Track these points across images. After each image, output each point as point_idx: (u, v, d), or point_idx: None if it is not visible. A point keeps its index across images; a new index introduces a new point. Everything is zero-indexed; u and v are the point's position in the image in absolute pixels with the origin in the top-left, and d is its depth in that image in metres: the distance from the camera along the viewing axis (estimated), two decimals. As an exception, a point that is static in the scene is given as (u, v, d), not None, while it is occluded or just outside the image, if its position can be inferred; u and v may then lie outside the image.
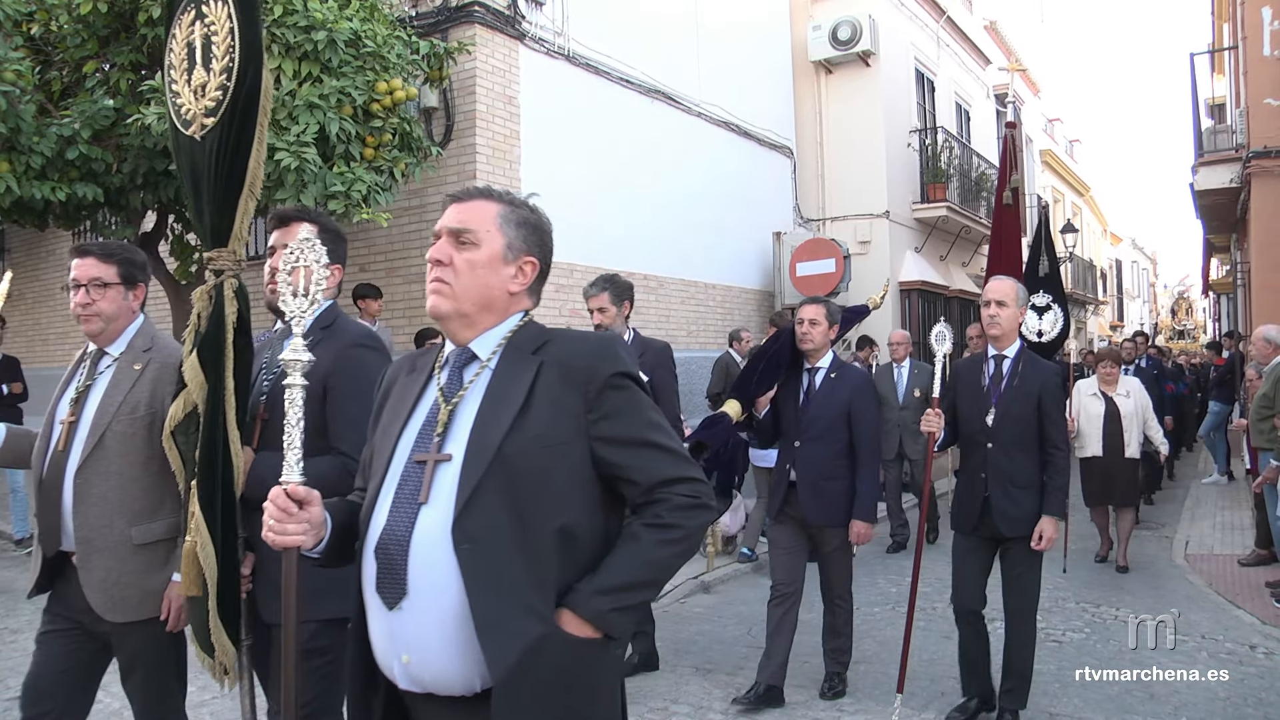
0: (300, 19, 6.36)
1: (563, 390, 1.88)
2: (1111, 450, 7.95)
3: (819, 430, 4.84)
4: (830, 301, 5.02)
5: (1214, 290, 23.85)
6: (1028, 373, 4.52)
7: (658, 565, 1.91)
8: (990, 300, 4.56)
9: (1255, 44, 10.99)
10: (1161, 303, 49.76)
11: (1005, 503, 4.42)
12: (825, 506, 4.81)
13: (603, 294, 5.06)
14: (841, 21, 13.39)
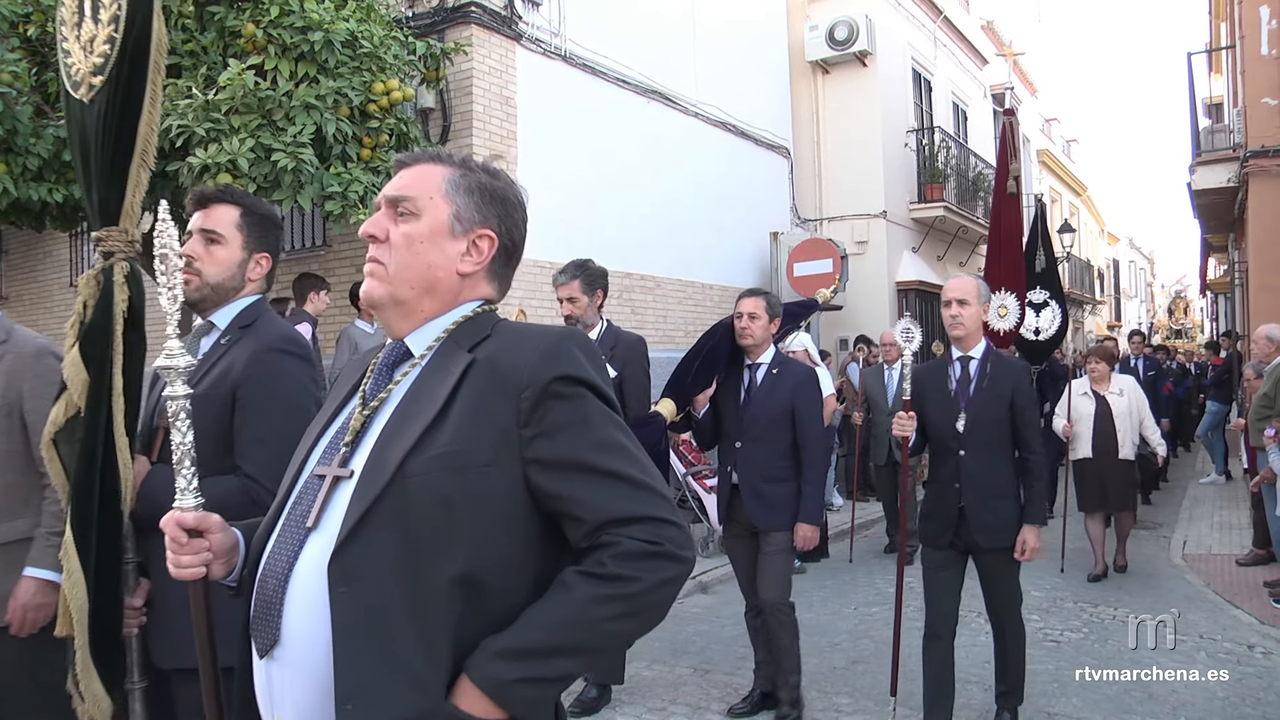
0: (297, 19, 6.35)
1: (492, 397, 1.49)
2: (1103, 451, 7.62)
3: (760, 430, 4.58)
4: (771, 294, 4.77)
5: (1211, 290, 23.87)
6: (997, 373, 4.29)
7: (589, 627, 1.43)
8: (951, 299, 4.31)
9: (1253, 43, 11.01)
10: (1159, 302, 49.81)
11: (983, 513, 4.19)
12: (769, 510, 4.55)
13: (573, 282, 4.78)
14: (838, 21, 13.40)
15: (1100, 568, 7.56)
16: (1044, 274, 8.61)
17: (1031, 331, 8.32)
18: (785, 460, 4.57)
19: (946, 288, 4.41)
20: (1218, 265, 22.03)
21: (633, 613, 1.46)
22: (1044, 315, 8.35)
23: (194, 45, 6.56)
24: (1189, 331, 39.06)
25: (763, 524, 4.56)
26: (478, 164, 1.69)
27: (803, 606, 6.69)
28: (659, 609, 1.51)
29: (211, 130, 6.08)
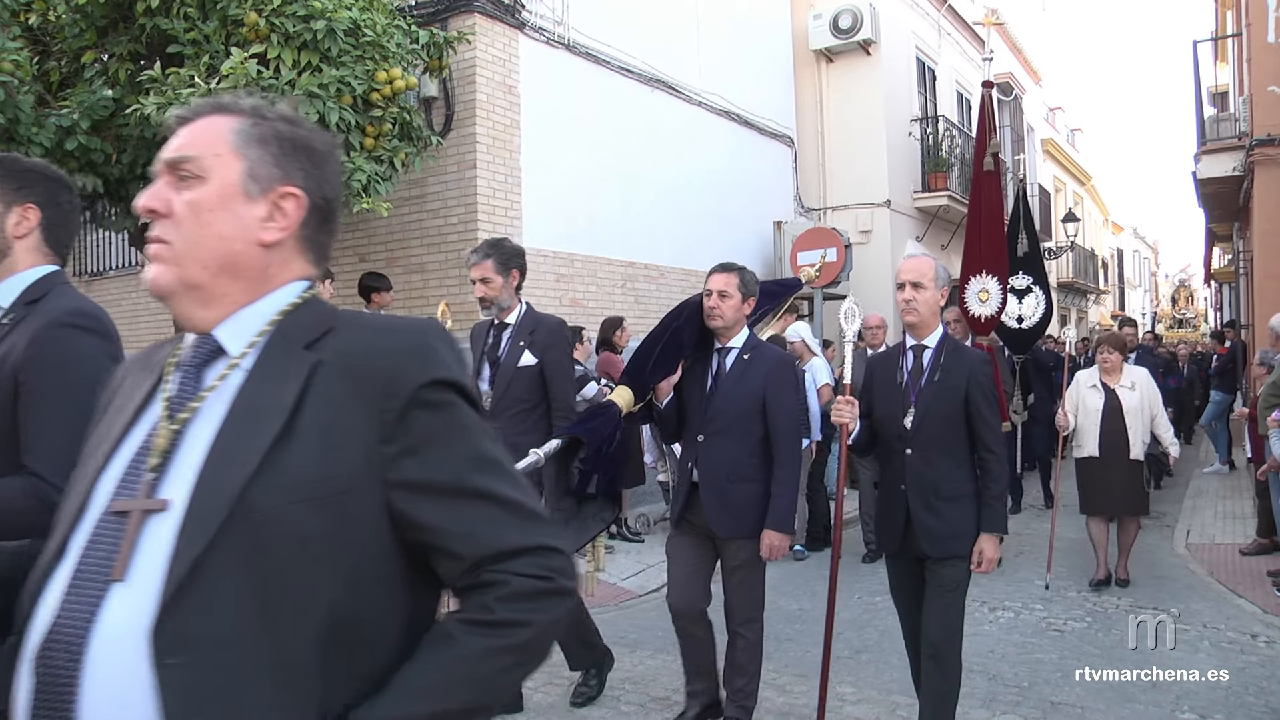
0: (299, 8, 6.33)
1: (348, 407, 1.21)
2: (1111, 449, 6.87)
3: (727, 422, 4.07)
4: (745, 270, 4.21)
5: (1216, 279, 23.83)
6: (952, 364, 3.84)
7: (481, 684, 1.22)
8: (905, 281, 3.88)
9: (1259, 31, 10.96)
10: (1163, 292, 49.69)
11: (928, 518, 3.76)
12: (733, 514, 4.05)
13: (485, 261, 4.37)
14: (842, 10, 13.35)
15: (1102, 572, 6.92)
16: (1027, 258, 8.13)
17: (1014, 319, 7.91)
18: (754, 458, 4.07)
19: (900, 269, 3.96)
20: (1222, 254, 21.99)
21: (524, 661, 1.27)
22: (1027, 302, 7.90)
23: (196, 34, 6.55)
24: (1192, 321, 38.96)
25: (723, 529, 4.06)
26: (274, 110, 1.37)
27: (805, 596, 6.72)
28: (547, 650, 1.30)
29: (214, 119, 6.06)
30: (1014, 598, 6.59)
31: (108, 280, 12.46)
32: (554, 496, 3.93)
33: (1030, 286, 7.87)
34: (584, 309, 9.27)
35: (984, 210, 7.75)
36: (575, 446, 3.86)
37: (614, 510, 4.12)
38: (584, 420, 4.08)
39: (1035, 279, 7.93)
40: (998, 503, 3.78)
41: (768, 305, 4.68)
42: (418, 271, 8.67)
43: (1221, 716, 4.58)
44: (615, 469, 4.05)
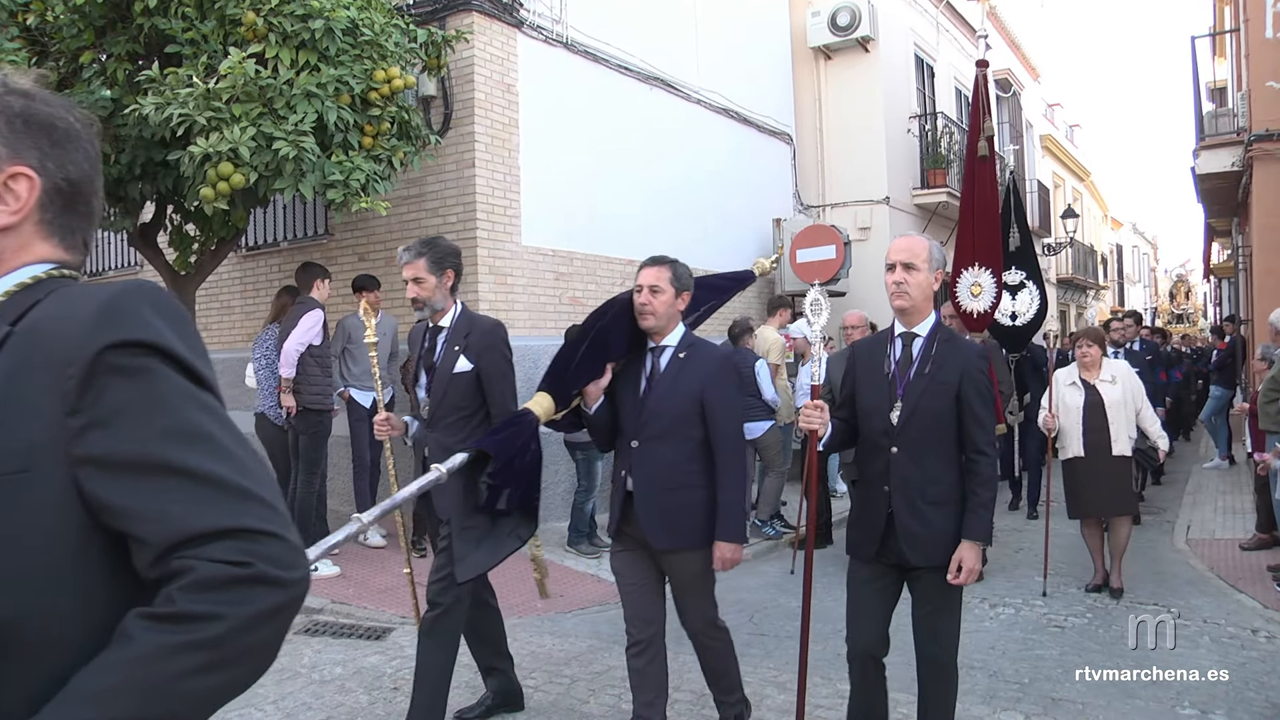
0: (297, 7, 6.33)
1: (29, 376, 1.10)
2: (1094, 447, 6.59)
3: (663, 426, 3.76)
4: (678, 263, 3.92)
5: (1215, 274, 23.82)
6: (945, 356, 3.51)
7: (162, 690, 1.04)
8: (895, 262, 3.55)
9: (1257, 27, 10.96)
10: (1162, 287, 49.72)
11: (913, 522, 3.47)
12: (671, 525, 3.74)
13: (418, 260, 4.16)
14: (840, 7, 13.34)
15: (1100, 577, 6.72)
16: (1019, 253, 7.66)
17: (1008, 316, 7.47)
18: (692, 463, 3.76)
19: (891, 248, 3.63)
20: (1221, 250, 21.99)
21: (222, 662, 1.07)
22: (1021, 298, 7.42)
23: (194, 34, 6.55)
24: (1190, 316, 38.99)
25: (661, 541, 3.76)
26: (6, 84, 1.26)
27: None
28: (262, 652, 1.12)
29: (212, 119, 6.07)
30: (1015, 594, 6.59)
31: (106, 280, 12.44)
32: (462, 514, 3.72)
33: (1024, 282, 7.43)
34: (583, 307, 9.25)
35: (977, 199, 7.30)
36: (483, 460, 3.56)
37: (531, 527, 3.83)
38: (494, 431, 3.80)
39: (1029, 274, 7.49)
40: (983, 509, 3.44)
41: (713, 300, 4.41)
42: (417, 270, 8.66)
43: (1222, 712, 4.59)
44: (530, 482, 3.78)
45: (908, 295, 3.53)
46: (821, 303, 3.65)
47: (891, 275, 3.56)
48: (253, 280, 10.23)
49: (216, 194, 6.15)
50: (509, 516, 3.70)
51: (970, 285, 7.00)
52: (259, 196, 6.62)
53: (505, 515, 3.67)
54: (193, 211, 7.74)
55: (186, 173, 6.25)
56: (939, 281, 3.58)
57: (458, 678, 4.31)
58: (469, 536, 3.71)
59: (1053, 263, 24.37)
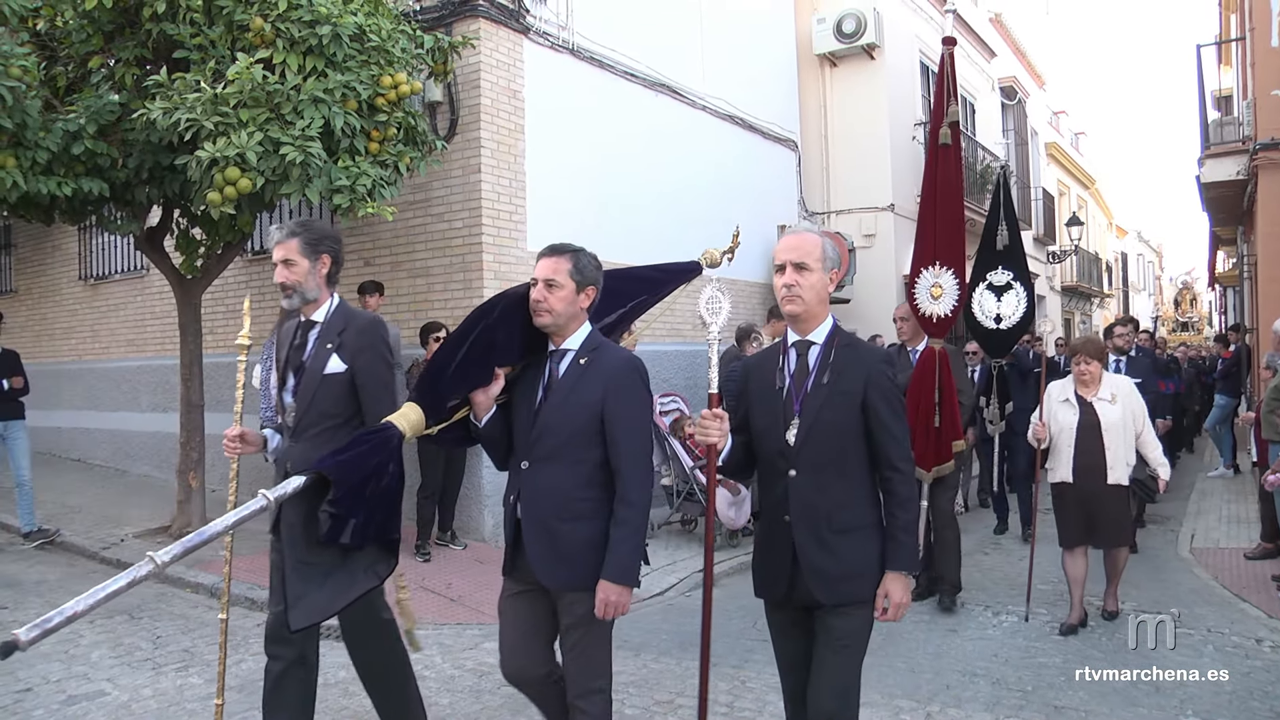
0: (305, 13, 6.37)
1: None
2: (1087, 472, 5.91)
3: (556, 444, 3.20)
4: (583, 252, 3.32)
5: (1220, 283, 23.80)
6: (845, 363, 3.06)
7: None
8: (785, 262, 3.06)
9: (1263, 35, 10.96)
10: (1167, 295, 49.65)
11: (819, 555, 3.00)
12: (564, 561, 3.17)
13: (291, 240, 3.62)
14: (846, 14, 13.37)
15: (1076, 615, 6.02)
16: (1007, 251, 7.10)
17: (992, 319, 6.89)
18: (592, 489, 3.20)
19: (779, 246, 3.15)
20: (1226, 258, 21.95)
21: None
22: (1006, 299, 6.83)
23: (202, 39, 6.58)
24: (1196, 324, 38.90)
25: (551, 580, 3.19)
26: None
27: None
28: None
29: (220, 124, 6.10)
30: (1018, 601, 6.58)
31: (113, 284, 12.50)
32: (303, 548, 3.28)
33: (1010, 283, 6.85)
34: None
35: (940, 191, 6.61)
36: (321, 485, 3.08)
37: (391, 562, 3.38)
38: (340, 449, 3.21)
39: (1016, 274, 6.92)
40: (906, 535, 3.00)
41: (644, 294, 3.90)
42: (422, 275, 8.69)
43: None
44: (389, 510, 3.28)
45: (800, 299, 3.06)
46: (720, 300, 3.11)
47: (781, 277, 3.09)
48: (259, 284, 10.26)
49: (223, 198, 6.18)
50: (363, 551, 3.27)
51: (930, 287, 6.45)
52: (265, 201, 6.64)
53: (357, 549, 3.24)
54: (199, 216, 7.78)
55: (193, 177, 6.28)
56: (834, 283, 3.14)
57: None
58: (311, 574, 3.26)
59: (1057, 270, 24.38)
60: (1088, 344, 6.20)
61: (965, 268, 6.62)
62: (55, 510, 9.30)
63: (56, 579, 7.19)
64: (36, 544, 8.18)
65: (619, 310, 3.74)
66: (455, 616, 6.35)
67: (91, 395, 12.80)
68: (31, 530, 8.32)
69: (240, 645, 5.71)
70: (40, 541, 8.19)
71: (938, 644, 5.78)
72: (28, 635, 2.23)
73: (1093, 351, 6.08)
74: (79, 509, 9.52)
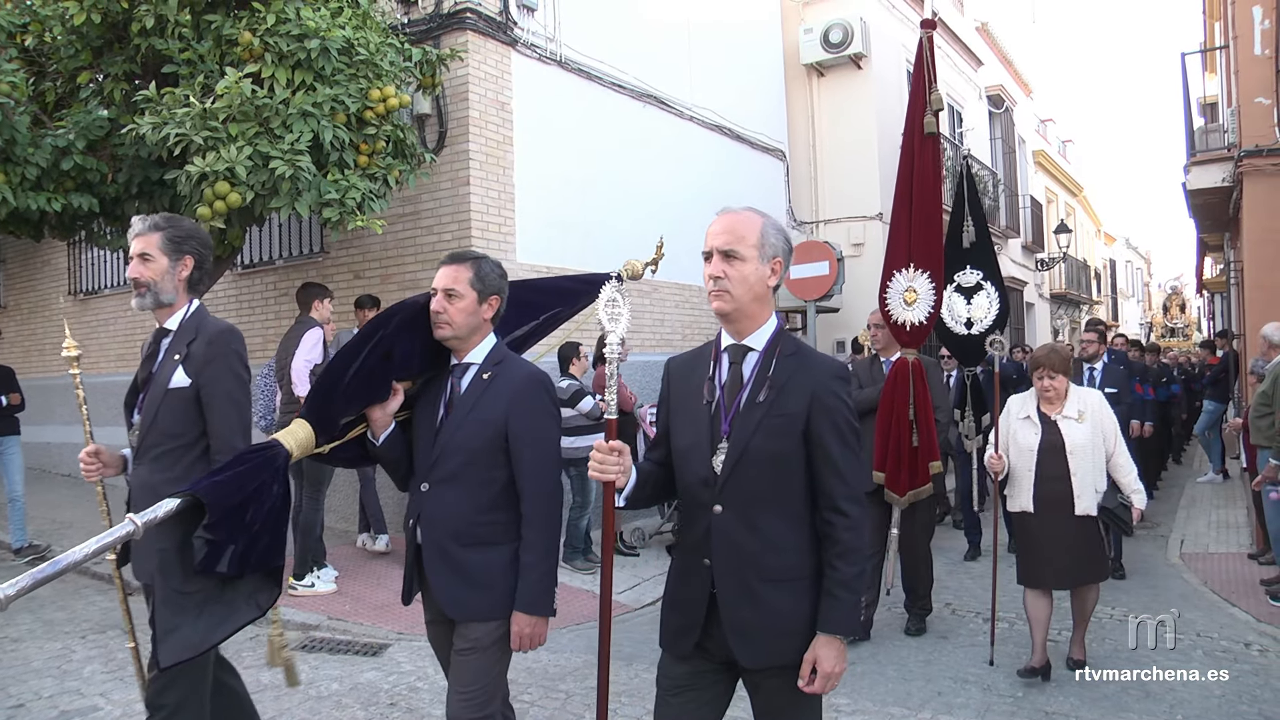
0: (293, 27, 6.39)
1: None
2: (1050, 502, 5.15)
3: (458, 464, 2.95)
4: (485, 260, 3.09)
5: (1208, 289, 23.91)
6: (787, 376, 2.53)
7: None
8: (712, 250, 2.57)
9: (1246, 43, 11.05)
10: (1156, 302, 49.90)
11: (744, 608, 2.49)
12: (467, 589, 2.92)
13: (152, 234, 3.29)
14: (833, 24, 13.44)
15: (1039, 659, 5.27)
16: (975, 249, 6.43)
17: (961, 323, 6.24)
18: (496, 512, 2.96)
19: (709, 230, 2.63)
20: (1214, 264, 22.07)
21: None
22: (977, 301, 6.16)
23: (191, 54, 6.60)
24: (1185, 330, 39.08)
25: (455, 610, 2.95)
26: None
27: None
28: None
29: (209, 138, 6.12)
30: (1007, 608, 6.60)
31: (102, 299, 12.48)
32: (177, 577, 2.92)
33: (980, 283, 6.17)
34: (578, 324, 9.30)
35: (916, 187, 5.98)
36: (195, 512, 2.76)
37: (274, 592, 3.05)
38: (219, 469, 2.91)
39: (986, 274, 6.23)
40: (844, 591, 2.46)
41: (558, 307, 3.60)
42: (412, 288, 8.70)
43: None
44: (273, 536, 2.94)
45: (729, 295, 2.53)
46: (619, 303, 2.67)
47: (708, 267, 2.57)
48: (248, 298, 10.26)
49: (213, 213, 6.19)
50: (243, 579, 2.94)
51: (903, 291, 5.94)
52: (255, 215, 6.66)
53: (237, 578, 2.92)
54: (189, 230, 7.77)
55: (183, 192, 6.29)
56: (777, 275, 2.58)
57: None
58: (185, 604, 2.91)
59: (1046, 278, 24.48)
60: (1051, 354, 5.33)
61: (943, 271, 6.08)
62: (46, 526, 9.28)
63: (47, 594, 7.17)
64: (28, 559, 8.15)
65: (531, 323, 3.52)
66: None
67: (81, 410, 12.75)
68: (23, 546, 8.31)
69: (234, 659, 5.68)
70: (31, 558, 8.17)
71: (929, 651, 5.80)
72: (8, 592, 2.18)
73: (1056, 364, 5.26)
74: (70, 524, 9.49)
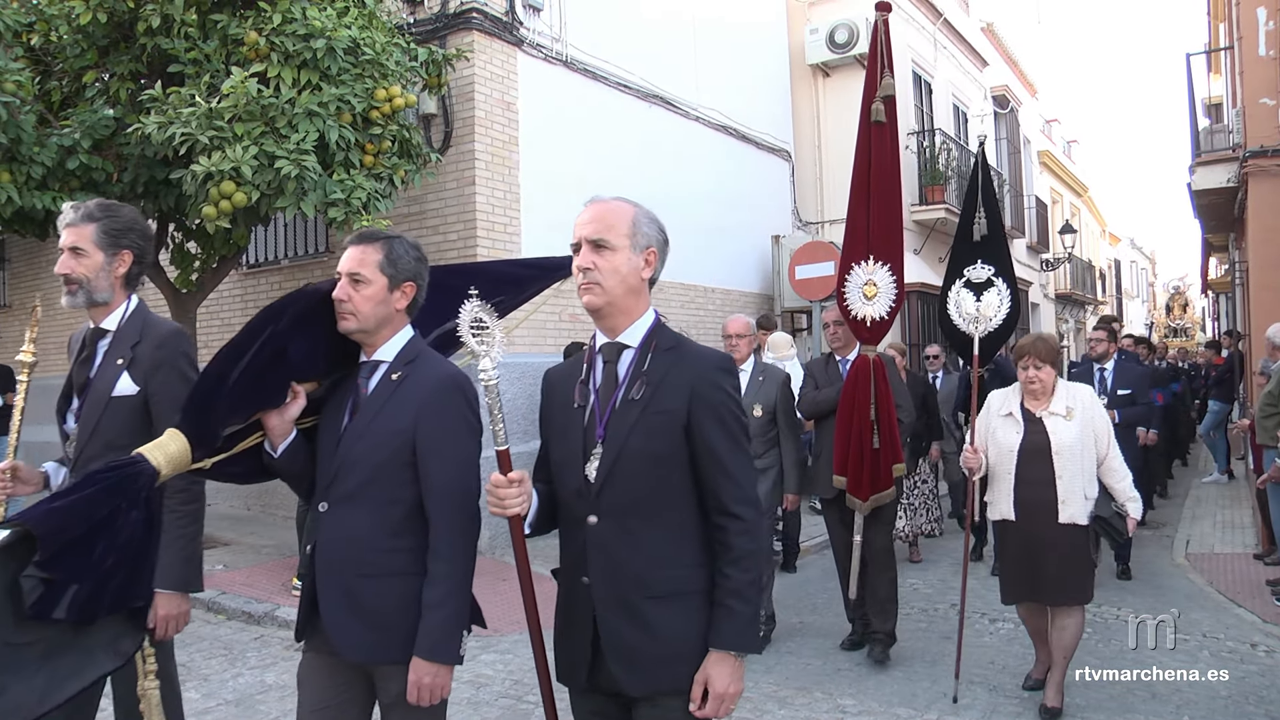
0: (299, 27, 6.40)
1: None
2: (1033, 508, 4.67)
3: (358, 481, 2.52)
4: (399, 240, 2.67)
5: (1213, 289, 23.89)
6: (664, 372, 2.29)
7: None
8: (580, 240, 2.36)
9: (1251, 44, 11.03)
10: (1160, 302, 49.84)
11: (626, 629, 2.24)
12: (367, 627, 2.49)
13: (86, 226, 2.96)
14: (838, 25, 13.44)
15: (1042, 670, 4.95)
16: (987, 244, 6.10)
17: (970, 322, 5.73)
18: (405, 538, 2.52)
19: (576, 221, 2.43)
20: (1219, 265, 22.04)
21: None
22: (987, 299, 5.73)
23: (197, 53, 6.61)
24: (1188, 330, 39.00)
25: (352, 651, 2.51)
26: None
27: (806, 609, 6.73)
28: None
29: (215, 138, 6.12)
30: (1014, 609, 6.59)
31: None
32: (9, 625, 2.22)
33: (992, 279, 5.77)
34: (583, 324, 9.30)
35: (874, 174, 5.69)
36: (26, 544, 2.23)
37: (138, 636, 2.51)
38: (58, 494, 2.38)
39: (998, 269, 5.86)
40: (738, 600, 2.22)
41: (504, 296, 3.01)
42: (417, 287, 8.71)
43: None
44: (131, 570, 2.38)
45: (599, 287, 2.30)
46: (486, 324, 2.32)
47: (577, 259, 2.35)
48: (254, 298, 10.26)
49: (218, 212, 6.20)
50: (99, 624, 2.35)
51: (862, 285, 5.56)
52: (260, 215, 6.66)
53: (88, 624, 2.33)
54: (195, 229, 7.80)
55: (189, 191, 6.30)
56: (651, 267, 2.37)
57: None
58: (23, 659, 2.25)
59: (1051, 278, 24.45)
60: (1038, 342, 4.86)
61: (903, 263, 5.74)
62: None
63: None
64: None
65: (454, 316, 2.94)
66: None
67: (86, 409, 12.75)
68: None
69: (238, 659, 5.71)
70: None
71: (934, 652, 5.79)
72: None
73: (1043, 353, 4.78)
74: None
